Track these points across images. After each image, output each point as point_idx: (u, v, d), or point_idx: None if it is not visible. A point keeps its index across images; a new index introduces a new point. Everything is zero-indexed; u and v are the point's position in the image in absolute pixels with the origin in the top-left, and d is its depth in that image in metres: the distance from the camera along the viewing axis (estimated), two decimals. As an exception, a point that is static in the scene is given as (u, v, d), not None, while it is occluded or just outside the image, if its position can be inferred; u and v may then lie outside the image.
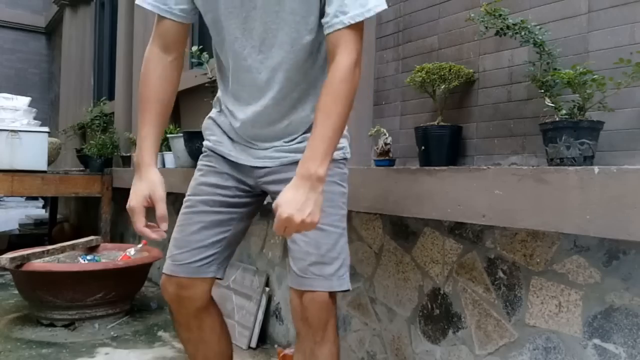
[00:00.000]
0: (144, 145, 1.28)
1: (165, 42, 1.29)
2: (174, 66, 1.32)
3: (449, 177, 1.51)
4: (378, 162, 1.92)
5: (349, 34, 1.11)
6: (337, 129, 1.12)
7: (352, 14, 1.09)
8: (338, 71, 1.11)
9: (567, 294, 1.35)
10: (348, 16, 1.09)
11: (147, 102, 1.29)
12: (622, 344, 1.24)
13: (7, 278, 3.83)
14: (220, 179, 1.39)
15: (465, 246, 1.64)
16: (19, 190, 3.84)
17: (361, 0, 1.10)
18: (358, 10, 1.10)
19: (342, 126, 1.14)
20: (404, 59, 2.03)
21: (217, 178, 1.39)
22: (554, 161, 1.34)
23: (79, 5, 6.68)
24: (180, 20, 1.28)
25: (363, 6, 1.10)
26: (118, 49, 4.89)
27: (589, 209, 1.16)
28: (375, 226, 1.99)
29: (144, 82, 1.30)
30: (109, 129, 4.80)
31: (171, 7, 1.26)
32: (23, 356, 2.39)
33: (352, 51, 1.11)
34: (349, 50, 1.11)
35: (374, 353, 1.97)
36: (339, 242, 1.29)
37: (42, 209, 7.87)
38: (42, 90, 8.78)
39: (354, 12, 1.09)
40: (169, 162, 3.53)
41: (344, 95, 1.12)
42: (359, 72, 1.14)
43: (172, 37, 1.29)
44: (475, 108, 1.75)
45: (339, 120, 1.12)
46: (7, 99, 4.18)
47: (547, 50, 1.42)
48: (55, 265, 2.91)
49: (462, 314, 1.64)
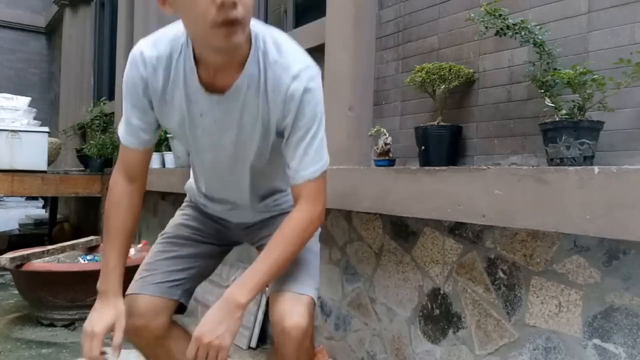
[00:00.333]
0: (112, 275, 1.30)
1: (130, 172, 1.33)
2: (138, 193, 1.37)
3: (449, 177, 1.51)
4: (378, 162, 1.92)
5: (311, 187, 1.21)
6: (275, 267, 1.20)
7: (311, 171, 1.20)
8: (294, 221, 1.21)
9: (567, 294, 1.35)
10: (307, 172, 1.20)
11: (115, 233, 1.33)
12: (622, 344, 1.24)
13: (7, 278, 3.83)
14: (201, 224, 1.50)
15: (465, 246, 1.64)
16: (19, 190, 3.84)
17: (317, 158, 1.21)
18: (316, 167, 1.20)
19: (281, 266, 1.21)
20: (404, 59, 2.03)
21: (198, 223, 1.50)
22: (554, 161, 1.34)
23: (79, 5, 6.68)
24: (143, 149, 1.31)
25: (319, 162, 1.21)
26: (118, 49, 4.89)
27: (589, 209, 1.16)
28: (375, 226, 1.99)
29: (112, 213, 1.34)
30: (109, 129, 4.80)
31: (141, 137, 1.29)
32: (23, 356, 2.39)
33: (313, 203, 1.21)
34: (310, 202, 1.21)
35: (374, 353, 1.97)
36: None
37: (42, 209, 7.87)
38: (42, 90, 8.77)
39: (311, 168, 1.20)
40: (169, 162, 3.53)
41: (292, 243, 1.21)
42: (318, 220, 1.24)
43: (136, 167, 1.33)
44: (475, 108, 1.75)
45: (279, 261, 1.20)
46: (7, 99, 4.18)
47: (547, 50, 1.42)
48: (55, 265, 2.92)
49: (462, 314, 1.64)
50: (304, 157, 1.19)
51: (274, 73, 1.15)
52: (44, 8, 8.64)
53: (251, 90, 1.16)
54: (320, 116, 1.20)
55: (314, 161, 1.20)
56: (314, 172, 1.20)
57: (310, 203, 1.21)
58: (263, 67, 1.15)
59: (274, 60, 1.15)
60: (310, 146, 1.19)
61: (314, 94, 1.17)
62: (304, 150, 1.19)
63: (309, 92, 1.16)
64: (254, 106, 1.18)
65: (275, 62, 1.15)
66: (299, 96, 1.15)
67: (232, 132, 1.22)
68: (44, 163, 3.98)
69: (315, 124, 1.19)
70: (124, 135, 1.30)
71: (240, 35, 1.03)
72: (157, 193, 3.82)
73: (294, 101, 1.15)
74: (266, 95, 1.17)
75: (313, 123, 1.18)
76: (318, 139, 1.20)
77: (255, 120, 1.20)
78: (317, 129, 1.19)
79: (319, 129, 1.20)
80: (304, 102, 1.16)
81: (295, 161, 1.20)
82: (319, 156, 1.21)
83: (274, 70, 1.15)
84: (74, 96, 6.62)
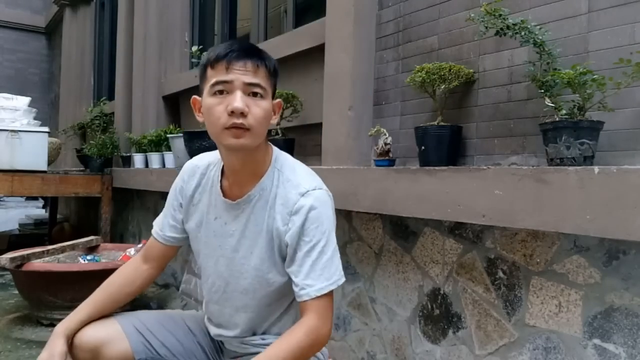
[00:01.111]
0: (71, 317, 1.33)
1: (148, 254, 1.44)
2: (145, 274, 1.43)
3: (449, 177, 1.51)
4: (378, 162, 1.92)
5: (317, 305, 1.17)
6: None
7: (318, 287, 1.16)
8: (294, 337, 1.15)
9: (567, 294, 1.35)
10: (314, 289, 1.17)
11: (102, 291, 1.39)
12: (622, 344, 1.24)
13: (7, 278, 3.83)
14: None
15: (465, 246, 1.64)
16: (19, 190, 3.84)
17: (326, 275, 1.18)
18: (323, 284, 1.17)
19: None
20: (404, 59, 2.03)
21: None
22: (554, 161, 1.34)
23: (79, 5, 6.68)
24: (165, 244, 1.42)
25: (328, 280, 1.18)
26: (118, 49, 4.89)
27: (589, 209, 1.16)
28: (375, 226, 1.99)
29: (112, 277, 1.42)
30: (109, 129, 4.81)
31: (165, 235, 1.41)
32: (23, 356, 2.39)
33: (325, 319, 1.17)
34: (323, 319, 1.17)
35: (374, 353, 1.97)
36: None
37: (42, 209, 7.86)
38: (42, 90, 8.78)
39: (319, 285, 1.17)
40: (169, 162, 3.53)
41: (295, 355, 1.14)
42: (322, 343, 1.19)
43: (155, 253, 1.43)
44: (475, 108, 1.75)
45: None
46: (7, 99, 4.18)
47: (547, 50, 1.42)
48: (55, 265, 2.92)
49: (462, 314, 1.64)
50: (311, 273, 1.18)
51: (285, 189, 1.23)
52: (44, 8, 8.65)
53: (261, 202, 1.24)
54: (327, 235, 1.20)
55: (321, 278, 1.17)
56: (321, 289, 1.17)
57: (316, 320, 1.16)
58: (276, 184, 1.24)
59: (287, 179, 1.24)
60: (317, 263, 1.18)
61: (320, 211, 1.20)
62: (311, 267, 1.18)
63: (314, 209, 1.19)
64: (261, 218, 1.24)
65: (288, 180, 1.23)
66: (304, 212, 1.19)
67: (234, 239, 1.28)
68: (44, 163, 3.98)
69: (322, 241, 1.19)
70: (155, 226, 1.45)
71: (246, 138, 1.15)
72: (157, 193, 3.82)
73: (299, 215, 1.19)
74: (274, 209, 1.23)
75: (319, 240, 1.19)
76: (326, 257, 1.19)
77: (259, 232, 1.24)
78: (325, 246, 1.19)
79: (327, 248, 1.19)
80: (309, 218, 1.19)
81: (300, 277, 1.19)
82: (328, 274, 1.18)
83: (286, 187, 1.23)
84: (74, 96, 6.62)
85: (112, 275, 1.43)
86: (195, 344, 1.41)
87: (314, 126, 2.42)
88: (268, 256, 1.24)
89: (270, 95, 1.21)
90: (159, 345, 1.36)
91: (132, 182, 3.92)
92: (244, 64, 1.15)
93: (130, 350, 1.31)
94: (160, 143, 3.71)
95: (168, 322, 1.41)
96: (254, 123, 1.15)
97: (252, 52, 1.18)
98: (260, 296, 1.27)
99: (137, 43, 4.39)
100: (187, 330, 1.42)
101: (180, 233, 1.40)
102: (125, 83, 4.69)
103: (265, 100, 1.18)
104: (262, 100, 1.17)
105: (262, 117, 1.17)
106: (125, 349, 1.31)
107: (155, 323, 1.39)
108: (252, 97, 1.16)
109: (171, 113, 4.27)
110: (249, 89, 1.15)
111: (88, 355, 1.30)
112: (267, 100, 1.18)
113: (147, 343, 1.34)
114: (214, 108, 1.15)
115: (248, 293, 1.28)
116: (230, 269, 1.29)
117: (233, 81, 1.14)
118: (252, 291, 1.28)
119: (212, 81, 1.15)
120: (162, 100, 4.26)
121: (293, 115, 2.50)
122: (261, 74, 1.17)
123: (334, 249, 1.21)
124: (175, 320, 1.44)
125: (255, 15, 3.31)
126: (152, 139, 3.73)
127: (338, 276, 1.20)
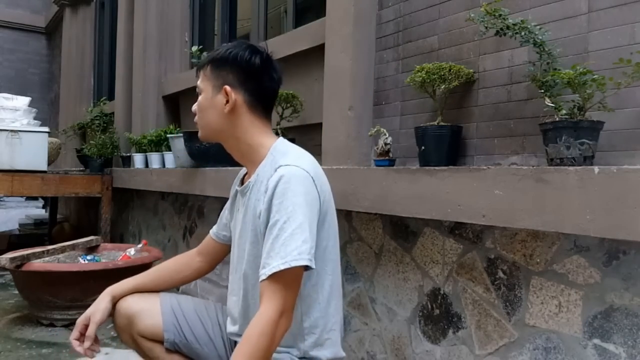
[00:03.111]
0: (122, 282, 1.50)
1: (203, 248, 1.59)
2: (196, 266, 1.57)
3: (449, 177, 1.51)
4: (378, 162, 1.92)
5: (272, 285, 1.13)
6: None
7: (272, 266, 1.13)
8: (259, 323, 1.11)
9: (567, 294, 1.35)
10: (268, 268, 1.13)
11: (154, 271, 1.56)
12: (622, 344, 1.24)
13: (7, 278, 3.83)
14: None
15: (465, 246, 1.64)
16: (19, 190, 3.84)
17: (282, 253, 1.13)
18: (277, 262, 1.13)
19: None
20: (404, 59, 2.03)
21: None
22: (554, 161, 1.34)
23: (79, 5, 6.68)
24: (217, 241, 1.56)
25: (282, 258, 1.13)
26: (118, 49, 4.89)
27: (589, 209, 1.16)
28: (375, 226, 1.99)
29: (166, 262, 1.60)
30: (109, 129, 4.80)
31: (218, 232, 1.56)
32: (23, 356, 2.40)
33: (274, 302, 1.12)
34: (272, 301, 1.12)
35: (374, 353, 1.97)
36: None
37: (42, 209, 7.87)
38: (42, 90, 8.78)
39: (274, 263, 1.13)
40: (169, 162, 3.53)
41: (260, 348, 1.10)
42: (286, 321, 1.14)
43: (209, 249, 1.58)
44: (475, 108, 1.75)
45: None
46: (7, 99, 4.18)
47: (547, 50, 1.42)
48: (55, 265, 2.91)
49: (462, 314, 1.64)
50: (270, 252, 1.14)
51: (269, 171, 1.27)
52: (44, 8, 8.65)
53: (255, 187, 1.30)
54: (290, 211, 1.15)
55: (277, 257, 1.13)
56: (272, 268, 1.12)
57: (270, 301, 1.12)
58: (270, 168, 1.27)
59: (275, 161, 1.27)
60: (277, 240, 1.14)
61: (285, 187, 1.17)
62: (271, 245, 1.15)
63: (281, 184, 1.17)
64: (252, 203, 1.30)
65: (276, 162, 1.27)
66: (272, 187, 1.19)
67: (240, 226, 1.36)
68: (44, 163, 3.98)
69: (283, 217, 1.15)
70: (215, 225, 1.58)
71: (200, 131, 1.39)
72: (157, 193, 3.82)
73: (269, 191, 1.20)
74: (260, 191, 1.27)
75: (281, 216, 1.15)
76: (286, 234, 1.14)
77: (251, 216, 1.29)
78: (285, 223, 1.14)
79: (287, 224, 1.14)
80: (276, 194, 1.18)
81: (263, 256, 1.17)
82: (284, 252, 1.12)
83: (277, 170, 1.24)
84: (74, 96, 6.62)
85: (168, 260, 1.59)
86: (220, 338, 1.47)
87: (314, 126, 2.43)
88: (256, 240, 1.27)
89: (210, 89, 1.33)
90: (188, 330, 1.43)
91: (132, 182, 3.93)
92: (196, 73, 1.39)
93: (161, 327, 1.40)
94: (160, 143, 3.70)
95: (202, 312, 1.49)
96: (196, 118, 1.38)
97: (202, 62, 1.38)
98: (254, 281, 1.28)
99: (137, 43, 4.39)
100: (217, 323, 1.48)
101: (230, 232, 1.49)
102: (125, 83, 4.69)
103: (201, 95, 1.36)
104: (200, 97, 1.36)
105: (198, 110, 1.37)
106: (157, 324, 1.41)
107: (191, 310, 1.47)
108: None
109: (171, 113, 4.27)
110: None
111: (124, 321, 1.43)
112: (203, 95, 1.35)
113: (177, 325, 1.42)
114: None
115: (247, 278, 1.32)
116: (238, 255, 1.37)
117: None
118: (248, 275, 1.32)
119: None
120: (162, 100, 4.26)
121: (293, 115, 2.50)
122: (200, 76, 1.37)
123: (299, 226, 1.14)
124: (210, 311, 1.51)
125: (255, 15, 3.31)
126: (152, 139, 3.73)
127: (295, 256, 1.12)
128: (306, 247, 1.14)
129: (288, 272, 1.13)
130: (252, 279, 1.29)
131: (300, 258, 1.13)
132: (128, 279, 1.50)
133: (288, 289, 1.14)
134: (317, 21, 2.48)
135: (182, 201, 3.60)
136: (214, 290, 2.74)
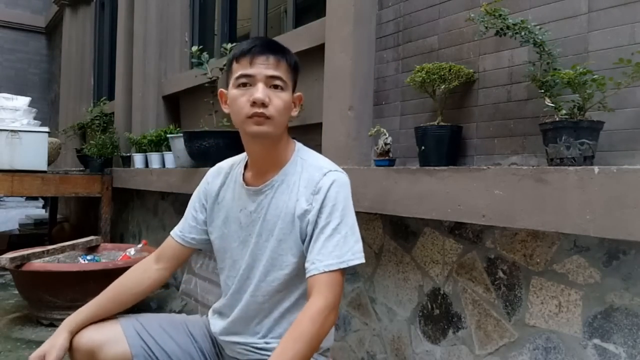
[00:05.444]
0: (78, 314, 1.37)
1: (161, 254, 1.46)
2: (155, 275, 1.44)
3: (449, 177, 1.51)
4: (378, 162, 1.92)
5: (324, 279, 1.18)
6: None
7: (327, 263, 1.18)
8: (309, 311, 1.15)
9: (567, 294, 1.35)
10: (323, 264, 1.19)
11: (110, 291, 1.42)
12: (622, 344, 1.24)
13: (7, 278, 3.83)
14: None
15: (465, 246, 1.64)
16: (19, 190, 3.84)
17: (337, 252, 1.20)
18: (333, 261, 1.19)
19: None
20: (404, 59, 2.03)
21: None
22: (554, 161, 1.34)
23: (79, 5, 6.68)
24: (184, 245, 1.46)
25: (339, 257, 1.19)
26: (118, 49, 4.89)
27: (589, 209, 1.16)
28: (375, 226, 1.99)
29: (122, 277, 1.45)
30: (109, 129, 4.80)
31: (185, 235, 1.45)
32: (23, 356, 2.39)
33: (326, 295, 1.16)
34: (323, 294, 1.16)
35: (374, 353, 1.97)
36: None
37: (42, 209, 7.87)
38: (42, 90, 8.78)
39: (328, 261, 1.19)
40: (169, 162, 3.53)
41: (309, 337, 1.12)
42: (334, 317, 1.18)
43: (169, 254, 1.46)
44: (475, 108, 1.75)
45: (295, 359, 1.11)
46: (7, 99, 4.18)
47: (547, 50, 1.42)
48: (55, 265, 2.92)
49: (462, 314, 1.64)
50: (322, 250, 1.20)
51: (308, 173, 1.29)
52: (44, 8, 8.65)
53: (283, 187, 1.30)
54: (342, 214, 1.23)
55: (332, 255, 1.19)
56: (329, 265, 1.18)
57: (322, 294, 1.16)
58: (300, 170, 1.30)
59: (310, 164, 1.31)
60: (330, 240, 1.20)
61: (337, 191, 1.25)
62: (323, 243, 1.21)
63: (333, 189, 1.25)
64: (282, 201, 1.29)
65: (311, 165, 1.31)
66: (325, 190, 1.24)
67: (258, 224, 1.31)
68: (44, 163, 3.98)
69: (336, 219, 1.22)
70: (175, 229, 1.48)
71: (267, 126, 1.23)
72: (157, 193, 3.82)
73: (320, 194, 1.25)
74: (298, 191, 1.28)
75: (334, 219, 1.22)
76: (339, 235, 1.21)
77: (279, 214, 1.28)
78: (339, 225, 1.22)
79: (341, 227, 1.22)
80: (328, 197, 1.24)
81: (313, 253, 1.21)
82: (340, 252, 1.20)
83: (309, 170, 1.29)
84: (74, 96, 6.62)
85: (123, 275, 1.45)
86: (195, 349, 1.42)
87: (314, 126, 2.42)
88: (287, 238, 1.28)
89: (291, 89, 1.29)
90: (157, 348, 1.36)
91: (132, 182, 3.93)
92: (266, 58, 1.24)
93: (129, 352, 1.32)
94: (160, 143, 3.70)
95: (169, 326, 1.42)
96: (274, 112, 1.23)
97: (275, 48, 1.28)
98: (272, 279, 1.30)
99: (137, 43, 4.39)
100: (188, 335, 1.43)
101: (200, 234, 1.44)
102: (125, 83, 4.69)
103: (285, 92, 1.25)
104: (283, 92, 1.25)
105: (282, 107, 1.25)
106: (125, 351, 1.32)
107: (157, 327, 1.40)
108: (273, 89, 1.24)
109: (171, 113, 4.27)
110: (271, 82, 1.23)
111: (86, 357, 1.32)
112: (287, 92, 1.26)
113: (146, 346, 1.35)
114: (238, 99, 1.24)
115: (262, 275, 1.31)
116: (253, 254, 1.33)
117: (256, 75, 1.22)
118: (265, 272, 1.31)
119: (237, 74, 1.24)
120: (162, 100, 4.26)
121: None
122: (282, 67, 1.26)
123: (350, 228, 1.23)
124: (177, 324, 1.44)
125: (255, 15, 3.31)
126: (152, 139, 3.73)
127: (349, 257, 1.20)
128: (358, 246, 1.24)
129: (341, 271, 1.20)
130: (271, 276, 1.30)
131: (355, 257, 1.22)
132: (83, 307, 1.37)
133: (338, 286, 1.20)
134: (317, 21, 2.48)
135: (182, 201, 3.60)
136: (214, 290, 2.74)
